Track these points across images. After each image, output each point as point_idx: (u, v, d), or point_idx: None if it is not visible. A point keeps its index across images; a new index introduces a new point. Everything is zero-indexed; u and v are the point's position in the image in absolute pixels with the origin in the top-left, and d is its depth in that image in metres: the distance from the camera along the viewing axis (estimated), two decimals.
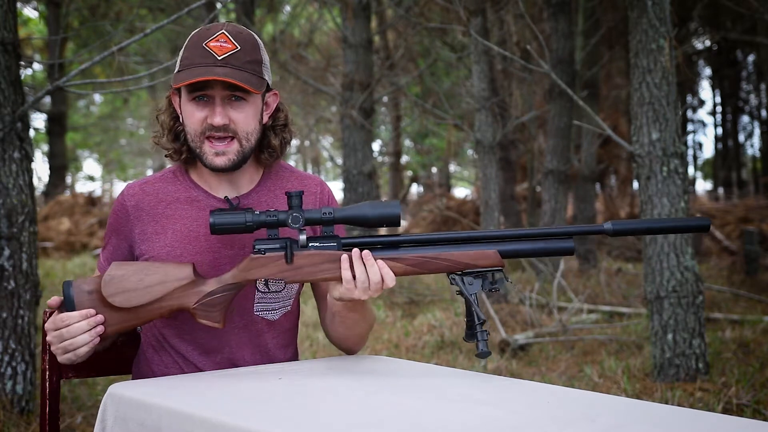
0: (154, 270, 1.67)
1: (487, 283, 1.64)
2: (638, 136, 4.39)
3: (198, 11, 8.62)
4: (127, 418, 1.51)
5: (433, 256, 1.64)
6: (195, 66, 1.71)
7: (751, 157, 27.78)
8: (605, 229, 1.64)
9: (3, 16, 3.49)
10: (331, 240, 1.66)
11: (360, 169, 9.19)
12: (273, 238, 1.66)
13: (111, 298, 1.63)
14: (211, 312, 1.67)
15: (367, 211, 1.65)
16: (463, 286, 1.64)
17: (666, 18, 4.32)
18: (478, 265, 1.64)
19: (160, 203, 1.83)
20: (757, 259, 8.90)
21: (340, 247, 1.66)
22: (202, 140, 1.75)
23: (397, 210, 1.64)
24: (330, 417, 1.35)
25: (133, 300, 1.64)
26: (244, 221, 1.64)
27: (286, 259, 1.64)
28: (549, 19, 9.17)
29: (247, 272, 1.66)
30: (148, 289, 1.64)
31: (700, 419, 1.36)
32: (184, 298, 1.66)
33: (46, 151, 18.66)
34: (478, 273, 1.64)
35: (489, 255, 1.64)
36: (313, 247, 1.65)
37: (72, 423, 3.65)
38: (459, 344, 5.58)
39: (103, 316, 1.64)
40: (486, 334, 1.61)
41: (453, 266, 1.64)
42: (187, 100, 1.75)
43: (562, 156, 9.09)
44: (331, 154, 18.67)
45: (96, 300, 1.64)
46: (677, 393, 4.01)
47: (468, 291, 1.64)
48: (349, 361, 1.86)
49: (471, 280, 1.64)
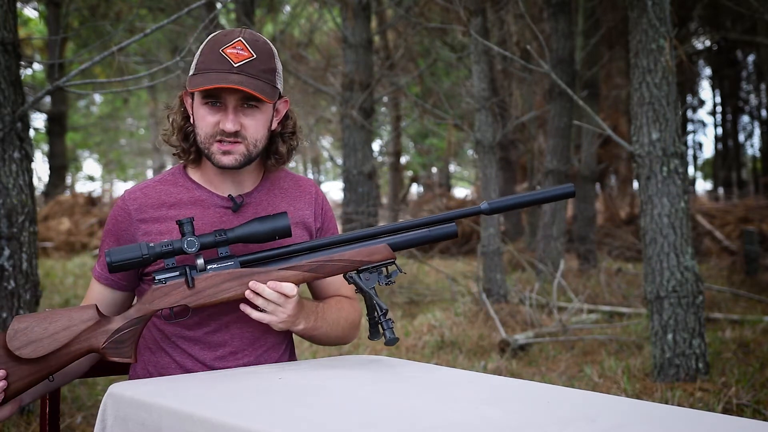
0: (58, 317, 1.67)
1: (382, 277, 1.72)
2: (638, 136, 4.39)
3: (198, 11, 8.62)
4: (127, 417, 1.51)
5: (328, 259, 1.71)
6: (211, 71, 1.73)
7: (751, 157, 27.77)
8: (482, 209, 1.72)
9: (3, 16, 3.49)
10: (228, 260, 1.71)
11: (360, 169, 9.19)
12: (171, 267, 1.70)
13: (19, 351, 1.62)
14: (121, 348, 1.68)
15: (257, 228, 1.71)
16: (360, 282, 1.71)
17: (666, 18, 4.32)
18: (372, 261, 1.71)
19: (162, 205, 1.85)
20: (757, 259, 8.90)
21: (238, 265, 1.71)
22: (211, 142, 1.79)
23: (286, 221, 1.71)
24: (330, 417, 1.35)
25: (41, 349, 1.64)
26: (140, 254, 1.67)
27: (188, 283, 1.68)
28: (549, 19, 9.17)
29: (150, 303, 1.70)
30: (54, 336, 1.65)
31: (700, 419, 1.36)
32: (92, 339, 1.67)
33: (46, 151, 18.66)
34: (373, 268, 1.72)
35: (380, 249, 1.72)
36: (211, 269, 1.70)
37: (72, 423, 3.65)
38: (459, 344, 5.58)
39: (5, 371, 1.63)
40: (391, 322, 1.68)
41: (349, 265, 1.71)
42: (200, 104, 1.78)
43: (562, 156, 9.09)
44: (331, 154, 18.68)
45: (3, 356, 1.64)
46: (677, 393, 4.02)
47: (366, 286, 1.70)
48: (349, 361, 1.86)
49: (367, 276, 1.71)
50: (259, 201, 1.88)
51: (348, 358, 1.93)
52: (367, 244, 1.72)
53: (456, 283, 7.86)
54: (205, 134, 1.78)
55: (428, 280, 9.20)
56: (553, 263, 8.62)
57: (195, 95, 1.79)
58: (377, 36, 11.49)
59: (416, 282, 8.74)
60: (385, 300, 7.62)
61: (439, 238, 1.73)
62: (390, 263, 1.72)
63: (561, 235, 9.03)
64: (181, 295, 1.69)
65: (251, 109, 1.77)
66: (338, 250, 1.72)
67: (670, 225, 4.31)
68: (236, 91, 1.73)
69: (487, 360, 5.10)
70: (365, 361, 1.87)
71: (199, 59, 1.78)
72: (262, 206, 1.88)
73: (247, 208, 1.86)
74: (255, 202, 1.87)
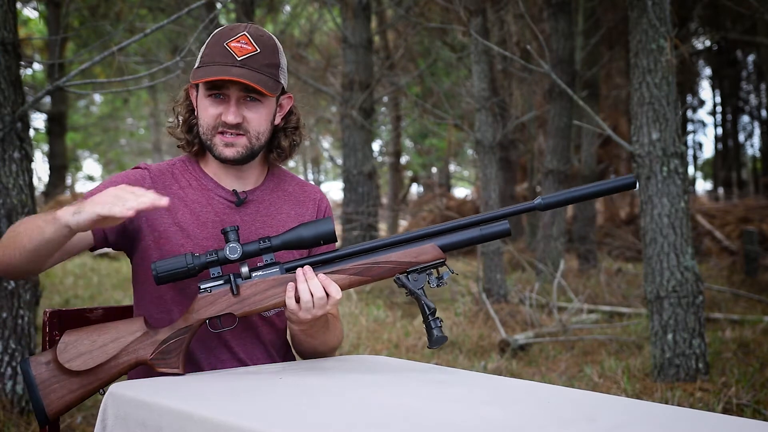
0: (106, 329, 1.68)
1: (433, 278, 1.68)
2: (638, 136, 4.39)
3: (198, 11, 8.62)
4: (127, 417, 1.51)
5: (374, 262, 1.68)
6: (214, 64, 1.76)
7: (751, 157, 27.76)
8: (536, 204, 1.66)
9: (3, 16, 3.49)
10: (273, 267, 1.69)
11: (360, 169, 9.19)
12: (216, 276, 1.70)
13: (68, 364, 1.63)
14: (168, 359, 1.68)
15: (302, 233, 1.69)
16: (409, 283, 1.67)
17: (666, 18, 4.32)
18: (419, 262, 1.68)
19: (175, 183, 1.86)
20: (757, 259, 8.90)
21: (284, 271, 1.69)
22: (214, 134, 1.80)
23: (331, 226, 1.70)
24: (330, 416, 1.35)
25: (90, 361, 1.64)
26: (185, 264, 1.67)
27: (232, 291, 1.67)
28: (549, 19, 9.17)
29: (197, 313, 1.69)
30: (103, 348, 1.65)
31: (700, 419, 1.36)
32: (140, 351, 1.67)
33: (46, 151, 18.65)
34: (422, 270, 1.68)
35: (428, 250, 1.68)
36: (256, 277, 1.69)
37: (72, 423, 3.65)
38: (459, 344, 5.58)
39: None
40: (439, 321, 1.65)
41: (396, 267, 1.68)
42: (204, 96, 1.80)
43: (562, 156, 9.09)
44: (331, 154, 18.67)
45: (54, 369, 1.64)
46: (677, 393, 4.01)
47: (414, 287, 1.67)
48: (349, 361, 1.86)
49: (416, 277, 1.68)
50: (261, 199, 1.89)
51: (348, 358, 1.93)
52: (414, 245, 1.68)
53: (456, 283, 7.86)
54: (207, 126, 1.80)
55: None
56: (553, 263, 8.62)
57: (199, 88, 1.82)
58: (377, 36, 11.50)
59: None
60: (385, 300, 7.62)
61: (492, 237, 1.67)
62: (440, 264, 1.68)
63: (561, 235, 9.03)
64: (226, 303, 1.68)
65: (254, 102, 1.79)
66: (384, 252, 1.68)
67: (670, 225, 4.31)
68: (239, 84, 1.75)
69: (487, 360, 5.10)
70: (365, 361, 1.87)
71: (204, 52, 1.80)
72: (265, 205, 1.89)
73: (249, 205, 1.87)
74: (258, 199, 1.88)
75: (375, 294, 8.02)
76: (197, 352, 1.83)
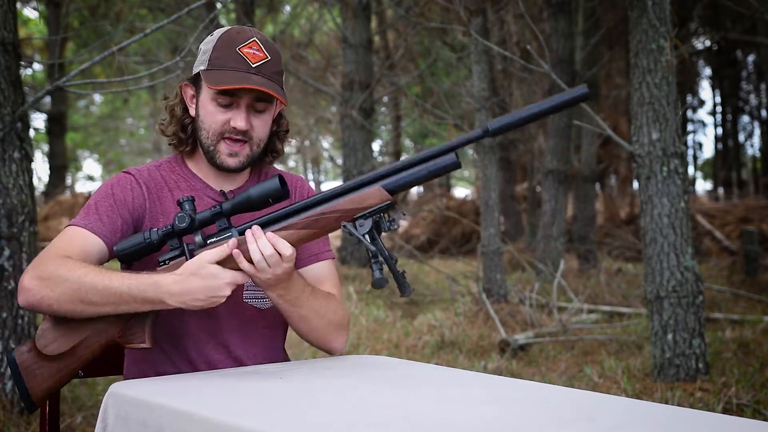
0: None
1: (384, 223, 1.60)
2: (638, 136, 4.39)
3: (198, 11, 8.62)
4: (128, 417, 1.51)
5: (321, 212, 1.63)
6: (229, 69, 1.74)
7: (751, 157, 27.78)
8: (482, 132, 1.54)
9: (3, 16, 3.49)
10: (226, 232, 1.68)
11: (360, 169, 9.20)
12: (174, 248, 1.70)
13: (45, 349, 1.68)
14: (135, 334, 1.69)
15: (250, 193, 1.67)
16: (354, 229, 1.60)
17: (666, 18, 4.32)
18: (366, 207, 1.59)
19: (164, 187, 1.86)
20: (757, 259, 8.90)
21: (237, 235, 1.67)
22: (219, 139, 1.80)
23: (276, 183, 1.66)
24: (330, 417, 1.35)
25: (64, 345, 1.68)
26: (143, 239, 1.69)
27: (186, 259, 1.68)
28: (549, 19, 9.17)
29: None
30: (75, 331, 1.68)
31: (700, 419, 1.36)
32: (110, 330, 1.68)
33: (46, 151, 18.67)
34: (369, 214, 1.60)
35: (373, 194, 1.59)
36: (211, 243, 1.68)
37: (72, 423, 3.65)
38: (459, 344, 5.58)
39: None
40: (381, 264, 1.57)
41: (343, 215, 1.61)
42: (210, 99, 1.79)
43: (562, 156, 9.09)
44: (331, 154, 18.67)
45: (35, 356, 1.69)
46: (677, 393, 4.01)
47: (359, 232, 1.59)
48: (349, 361, 1.86)
49: (362, 222, 1.60)
50: None
51: (348, 358, 1.93)
52: (361, 191, 1.60)
53: (456, 283, 7.86)
54: (213, 131, 1.79)
55: (428, 280, 9.21)
56: (553, 263, 8.62)
57: (204, 89, 1.80)
58: (377, 36, 11.50)
59: (416, 282, 8.74)
60: (385, 300, 7.62)
61: (440, 172, 1.57)
62: (387, 206, 1.60)
63: (561, 235, 9.03)
64: None
65: (261, 109, 1.80)
66: (332, 203, 1.63)
67: (670, 225, 4.31)
68: (252, 91, 1.75)
69: (487, 360, 5.10)
70: (365, 361, 1.87)
71: (213, 54, 1.78)
72: None
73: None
74: None
75: (375, 294, 8.03)
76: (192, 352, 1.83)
